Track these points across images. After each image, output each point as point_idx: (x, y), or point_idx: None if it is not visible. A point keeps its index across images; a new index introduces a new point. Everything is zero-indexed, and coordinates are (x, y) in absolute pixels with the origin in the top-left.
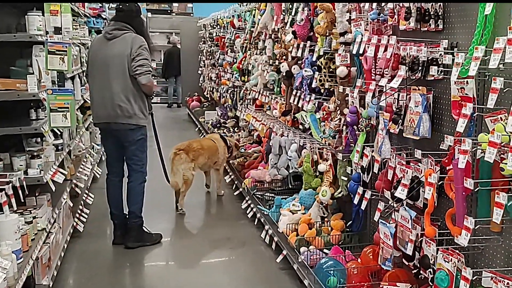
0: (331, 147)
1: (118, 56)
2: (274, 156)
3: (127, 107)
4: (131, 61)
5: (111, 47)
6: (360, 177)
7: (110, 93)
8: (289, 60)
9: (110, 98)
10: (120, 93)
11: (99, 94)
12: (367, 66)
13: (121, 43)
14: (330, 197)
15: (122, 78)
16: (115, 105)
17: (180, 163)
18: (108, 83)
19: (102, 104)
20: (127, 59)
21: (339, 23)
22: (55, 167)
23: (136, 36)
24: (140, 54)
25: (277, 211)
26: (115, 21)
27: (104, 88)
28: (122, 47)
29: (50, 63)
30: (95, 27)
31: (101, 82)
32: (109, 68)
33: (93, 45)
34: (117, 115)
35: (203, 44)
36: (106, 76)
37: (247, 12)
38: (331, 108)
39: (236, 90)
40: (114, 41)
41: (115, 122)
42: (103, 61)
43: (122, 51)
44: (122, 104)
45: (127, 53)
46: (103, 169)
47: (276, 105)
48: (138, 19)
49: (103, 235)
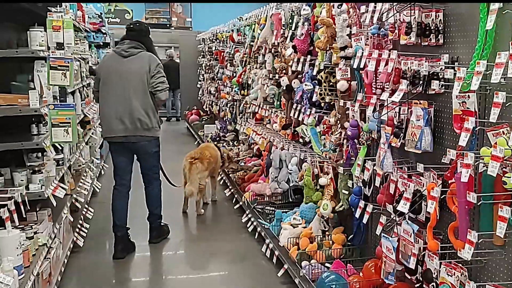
0: (332, 160)
1: (137, 73)
2: (275, 169)
3: (146, 121)
4: (150, 78)
5: (129, 65)
6: (361, 190)
7: (129, 107)
8: (289, 74)
9: (129, 112)
10: (139, 108)
11: (115, 109)
12: (367, 80)
13: (138, 61)
14: (331, 210)
15: (142, 93)
16: (135, 119)
17: (197, 172)
18: (127, 98)
19: (118, 118)
20: (146, 76)
21: (340, 37)
22: (56, 182)
23: (152, 55)
24: (159, 72)
25: (278, 225)
26: (130, 40)
27: (122, 103)
28: (140, 65)
29: (52, 78)
30: (95, 42)
31: (118, 97)
32: (128, 84)
33: (106, 61)
34: (137, 128)
35: (202, 58)
36: (124, 91)
37: (246, 27)
38: (331, 122)
39: (236, 103)
40: (131, 58)
41: (134, 135)
42: (120, 78)
43: (140, 68)
44: (142, 118)
45: (145, 70)
46: (102, 183)
47: (276, 118)
48: (148, 38)
49: (103, 250)
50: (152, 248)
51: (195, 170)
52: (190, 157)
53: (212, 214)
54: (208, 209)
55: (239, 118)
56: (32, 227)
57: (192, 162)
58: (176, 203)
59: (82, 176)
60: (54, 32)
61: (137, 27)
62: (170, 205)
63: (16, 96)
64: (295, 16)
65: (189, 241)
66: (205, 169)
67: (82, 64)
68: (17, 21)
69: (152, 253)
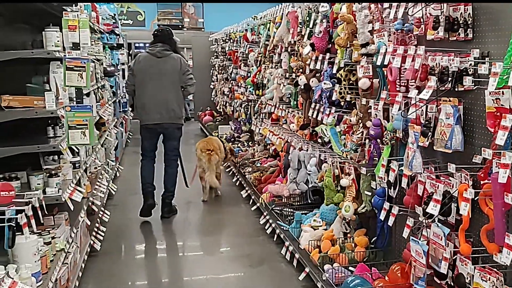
0: (353, 161)
1: (171, 71)
2: (293, 170)
3: (177, 111)
4: (181, 75)
5: (163, 64)
6: (385, 191)
7: (165, 100)
8: (307, 73)
9: (165, 103)
10: (173, 100)
11: (153, 101)
12: (392, 78)
13: (171, 61)
14: (353, 212)
15: (175, 88)
16: (170, 109)
17: (215, 162)
18: (163, 92)
19: (155, 108)
20: (179, 74)
21: (361, 34)
22: (72, 185)
23: (181, 56)
24: (188, 70)
25: (298, 227)
26: (162, 43)
27: (159, 96)
28: (173, 64)
29: (68, 79)
30: (109, 43)
31: (156, 91)
32: (164, 80)
33: (142, 61)
34: (170, 117)
35: (215, 58)
36: (160, 86)
37: (261, 26)
38: (352, 121)
39: (250, 104)
40: (165, 59)
41: (167, 122)
42: (157, 75)
43: (174, 67)
44: (175, 108)
45: (178, 69)
46: (118, 186)
47: (293, 118)
48: (172, 40)
49: (120, 253)
50: (169, 249)
51: (214, 160)
52: (206, 149)
53: (229, 216)
54: (225, 211)
55: (254, 118)
56: (49, 232)
57: (210, 154)
58: (192, 207)
59: (98, 178)
60: (70, 32)
61: (162, 32)
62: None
63: (32, 98)
64: (313, 14)
65: (207, 244)
66: (220, 159)
67: (97, 65)
68: (32, 23)
69: (169, 255)
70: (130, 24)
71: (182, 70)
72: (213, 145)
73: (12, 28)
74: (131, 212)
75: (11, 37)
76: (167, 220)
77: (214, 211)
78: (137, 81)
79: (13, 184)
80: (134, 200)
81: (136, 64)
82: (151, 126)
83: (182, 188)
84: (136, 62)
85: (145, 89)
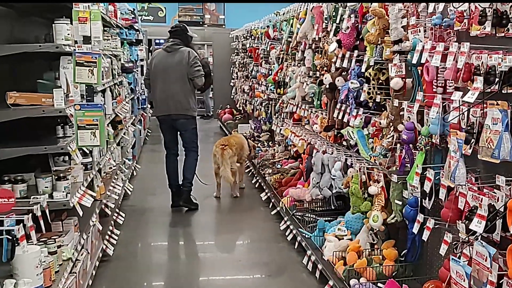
0: (383, 167)
1: (178, 64)
2: (316, 175)
3: (184, 102)
4: (189, 68)
5: (171, 58)
6: (417, 201)
7: (171, 92)
8: (332, 71)
9: (171, 96)
10: (179, 92)
11: (162, 94)
12: (429, 78)
13: (179, 55)
14: (382, 222)
15: (181, 81)
16: (176, 101)
17: (228, 157)
18: (170, 85)
19: (164, 101)
20: (186, 66)
21: (393, 30)
22: (83, 189)
23: (190, 50)
24: (196, 62)
25: (321, 235)
26: (174, 38)
27: (166, 88)
28: (180, 58)
29: (78, 75)
30: (127, 39)
31: (163, 84)
32: (171, 73)
33: (156, 56)
34: (177, 108)
35: (235, 55)
36: (168, 80)
37: (283, 22)
38: (382, 124)
39: (271, 103)
40: (173, 53)
41: (175, 113)
42: (165, 69)
43: (180, 60)
44: (181, 100)
45: (185, 62)
46: (134, 186)
47: (316, 119)
48: (186, 36)
49: (135, 258)
50: (185, 254)
51: (227, 155)
52: (220, 144)
53: (248, 219)
54: (244, 214)
55: (274, 118)
56: (55, 240)
57: (223, 148)
58: (210, 209)
59: (112, 179)
60: (81, 24)
61: (176, 27)
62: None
63: (40, 96)
64: (340, 8)
65: (224, 249)
66: (234, 154)
67: (114, 61)
68: (46, 15)
69: (186, 259)
70: (151, 20)
71: (190, 62)
72: (228, 141)
73: (25, 21)
74: (147, 214)
75: (25, 31)
76: (183, 222)
77: (233, 214)
78: (151, 76)
79: (19, 187)
80: (151, 201)
81: (151, 59)
82: (161, 118)
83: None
84: (152, 58)
85: (156, 83)
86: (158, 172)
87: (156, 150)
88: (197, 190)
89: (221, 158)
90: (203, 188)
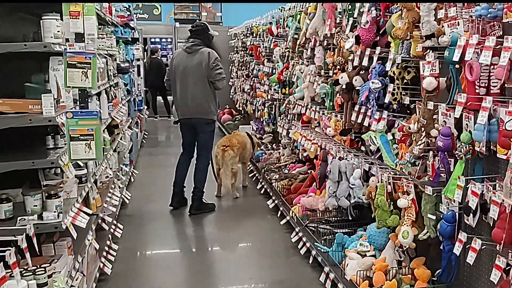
0: (413, 176)
1: (198, 66)
2: (333, 183)
3: (205, 106)
4: (209, 70)
5: (191, 60)
6: (455, 216)
7: (192, 95)
8: (349, 70)
9: (191, 99)
10: (200, 95)
11: (182, 96)
12: (472, 77)
13: (199, 56)
14: (412, 239)
15: (201, 83)
16: (196, 105)
17: (229, 158)
18: (189, 87)
19: (185, 103)
20: (206, 68)
21: (425, 23)
22: (77, 206)
23: (211, 51)
24: (217, 65)
25: (340, 250)
26: (193, 38)
27: (186, 91)
28: (200, 59)
29: (70, 78)
30: (123, 37)
31: (183, 86)
32: (191, 76)
33: (175, 58)
34: (198, 111)
35: (234, 54)
36: (188, 82)
37: (289, 18)
38: (412, 129)
39: (275, 103)
40: (194, 54)
41: (195, 117)
42: (184, 71)
43: (200, 62)
44: (202, 103)
45: (205, 64)
46: (132, 193)
47: (329, 122)
48: (207, 35)
49: (134, 275)
50: (189, 270)
51: (228, 156)
52: (222, 145)
53: (256, 230)
54: (250, 224)
55: (279, 119)
56: (46, 269)
57: (224, 149)
58: (214, 218)
59: (109, 189)
60: (72, 20)
61: (196, 27)
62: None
63: (26, 102)
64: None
65: (232, 263)
66: (235, 155)
67: (109, 61)
68: (33, 12)
69: (191, 276)
70: (145, 18)
71: (210, 65)
72: (230, 141)
73: (13, 19)
74: (146, 224)
75: (13, 28)
76: (186, 233)
77: (239, 224)
78: (171, 77)
79: (4, 207)
80: (151, 210)
81: (172, 60)
82: (183, 121)
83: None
84: (172, 58)
85: (176, 85)
86: (157, 177)
87: (153, 153)
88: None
89: (222, 160)
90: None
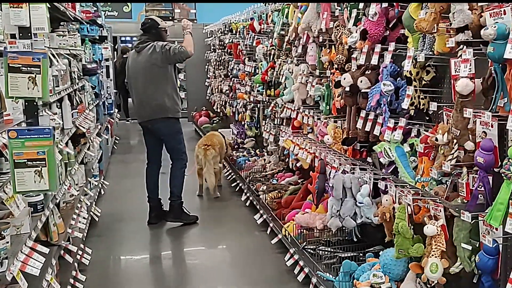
0: (441, 198)
1: (147, 62)
2: (336, 201)
3: (161, 103)
4: (165, 57)
5: (140, 58)
6: (498, 248)
7: (145, 95)
8: (353, 70)
9: (146, 100)
10: (154, 94)
11: (137, 98)
12: None
13: (146, 52)
14: (442, 273)
15: (154, 80)
16: (151, 105)
17: (211, 157)
18: (142, 87)
19: (140, 105)
20: (156, 61)
21: (458, 12)
22: (29, 244)
23: (156, 42)
24: (166, 45)
25: (347, 280)
26: (142, 36)
27: (139, 91)
28: (148, 54)
29: (13, 85)
30: (89, 35)
31: (136, 87)
32: (141, 75)
33: (129, 57)
34: (154, 111)
35: (211, 52)
36: (139, 82)
37: (274, 12)
38: (440, 141)
39: (259, 105)
40: (141, 52)
41: (153, 118)
42: (135, 70)
43: (149, 57)
44: (157, 103)
45: (154, 57)
46: (102, 208)
47: (325, 128)
48: (155, 31)
49: None
50: None
51: (210, 155)
52: (203, 144)
53: (243, 250)
54: (237, 242)
55: (263, 123)
56: None
57: (206, 148)
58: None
59: (75, 209)
60: (13, 10)
61: (144, 25)
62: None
63: None
64: None
65: None
66: (217, 154)
67: (73, 62)
68: None
69: None
70: (115, 16)
71: (161, 52)
72: (211, 141)
73: None
74: (118, 246)
75: None
76: (166, 257)
77: (225, 243)
78: (127, 79)
79: None
80: (122, 228)
81: (127, 62)
82: (142, 125)
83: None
84: (127, 60)
85: (131, 86)
86: (130, 187)
87: (125, 160)
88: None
89: (204, 159)
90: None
